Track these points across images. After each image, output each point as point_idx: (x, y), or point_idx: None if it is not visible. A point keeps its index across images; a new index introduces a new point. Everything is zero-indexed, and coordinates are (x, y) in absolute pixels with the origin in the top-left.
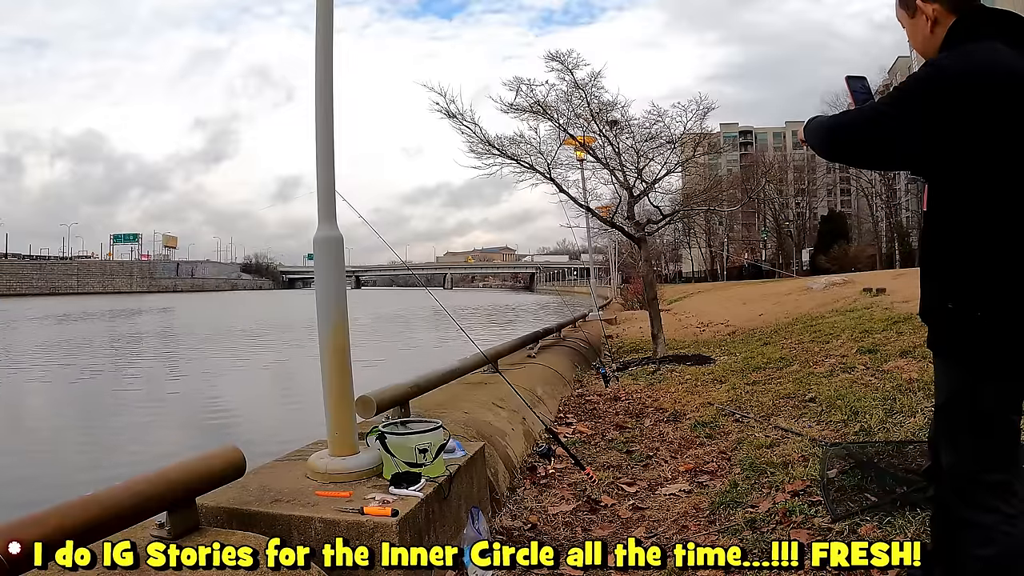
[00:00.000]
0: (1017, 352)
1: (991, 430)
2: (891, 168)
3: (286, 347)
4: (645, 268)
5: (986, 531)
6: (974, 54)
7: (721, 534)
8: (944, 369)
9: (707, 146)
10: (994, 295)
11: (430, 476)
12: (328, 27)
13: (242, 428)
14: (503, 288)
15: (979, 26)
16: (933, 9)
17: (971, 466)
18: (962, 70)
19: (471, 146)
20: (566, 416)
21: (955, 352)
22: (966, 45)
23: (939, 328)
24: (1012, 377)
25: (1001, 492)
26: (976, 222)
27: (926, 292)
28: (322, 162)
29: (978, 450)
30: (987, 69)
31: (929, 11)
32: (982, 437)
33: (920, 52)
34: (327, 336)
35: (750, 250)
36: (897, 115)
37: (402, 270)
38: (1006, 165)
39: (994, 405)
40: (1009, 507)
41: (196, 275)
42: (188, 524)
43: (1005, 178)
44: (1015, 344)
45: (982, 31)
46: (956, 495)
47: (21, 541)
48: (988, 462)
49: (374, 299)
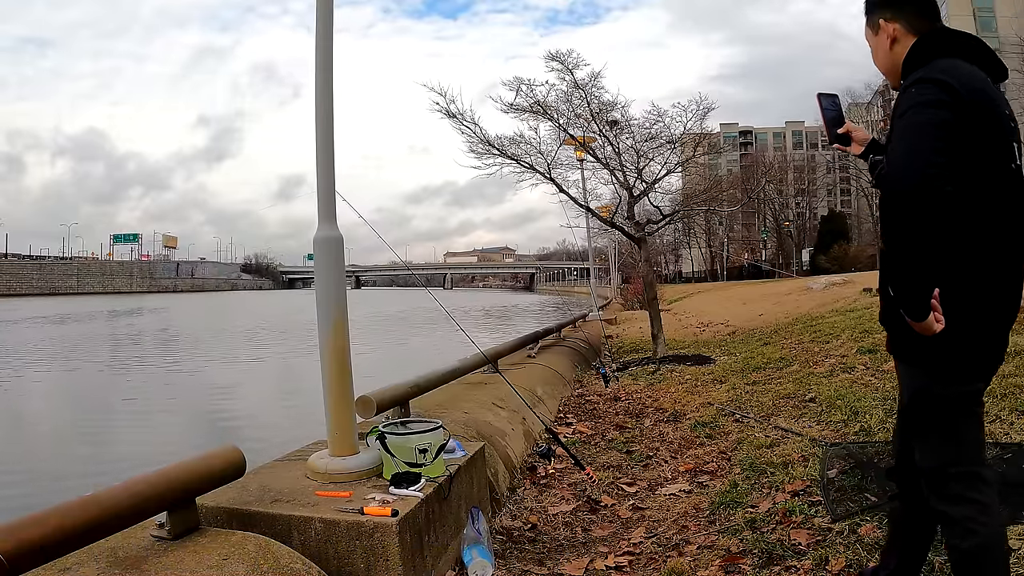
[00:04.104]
0: (972, 356)
1: (955, 427)
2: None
3: (286, 347)
4: (645, 268)
5: (963, 523)
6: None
7: (721, 534)
8: (905, 371)
9: (707, 146)
10: (954, 299)
11: (430, 476)
12: (328, 27)
13: (242, 428)
14: (503, 288)
15: (943, 45)
16: (894, 28)
17: (940, 461)
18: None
19: (471, 146)
20: (566, 416)
21: (913, 356)
22: (936, 62)
23: (897, 333)
24: (968, 380)
25: (972, 483)
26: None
27: (885, 298)
28: (322, 162)
29: (945, 446)
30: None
31: (890, 30)
32: (947, 434)
33: (880, 66)
34: (327, 336)
35: (750, 250)
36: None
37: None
38: (967, 176)
39: (954, 404)
40: (982, 495)
41: (196, 275)
42: (188, 524)
43: (965, 188)
44: (970, 348)
45: (945, 49)
46: (931, 491)
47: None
48: (955, 456)
49: (374, 299)
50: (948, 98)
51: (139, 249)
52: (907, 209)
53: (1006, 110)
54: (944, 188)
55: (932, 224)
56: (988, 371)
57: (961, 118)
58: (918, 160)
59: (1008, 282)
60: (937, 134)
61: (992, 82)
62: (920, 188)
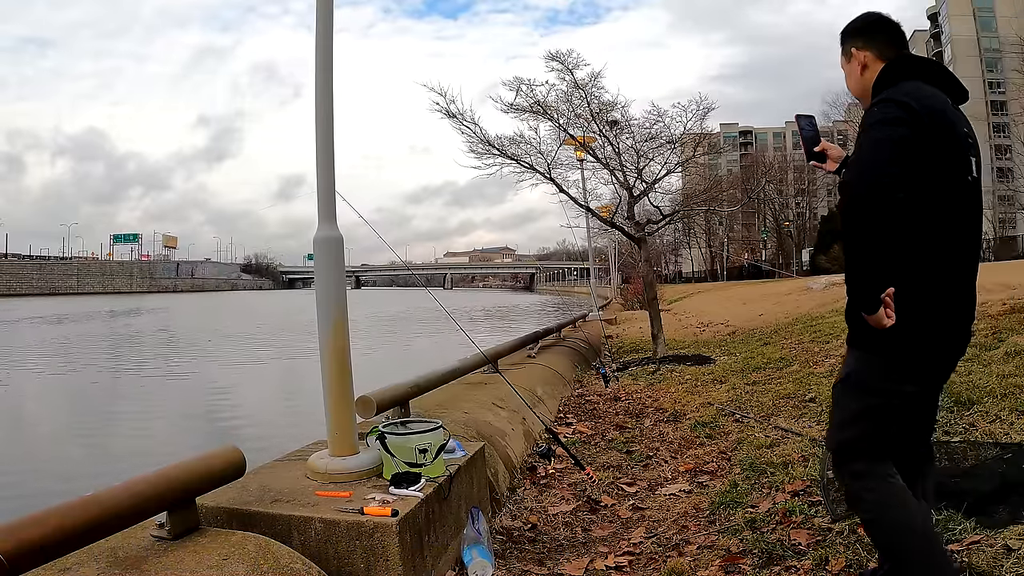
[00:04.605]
0: (911, 357)
1: (873, 415)
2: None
3: (286, 347)
4: (645, 268)
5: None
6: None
7: (721, 534)
8: (849, 354)
9: (707, 146)
10: (903, 299)
11: (430, 476)
12: (328, 27)
13: (242, 428)
14: (503, 288)
15: (908, 69)
16: (865, 56)
17: (850, 439)
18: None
19: (471, 146)
20: (566, 416)
21: (860, 344)
22: (901, 84)
23: (854, 326)
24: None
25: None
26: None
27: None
28: (322, 162)
29: (857, 428)
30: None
31: (861, 57)
32: (864, 419)
33: (852, 90)
34: (327, 336)
35: (750, 250)
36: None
37: (402, 270)
38: (925, 187)
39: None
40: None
41: (196, 275)
42: (188, 524)
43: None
44: (911, 350)
45: (910, 73)
46: (836, 464)
47: (20, 542)
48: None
49: (374, 300)
50: (907, 116)
51: (139, 249)
52: (862, 212)
53: (964, 128)
54: (896, 196)
55: (883, 226)
56: (925, 375)
57: (919, 135)
58: (875, 171)
59: (958, 291)
60: (894, 149)
61: (953, 103)
62: (874, 195)
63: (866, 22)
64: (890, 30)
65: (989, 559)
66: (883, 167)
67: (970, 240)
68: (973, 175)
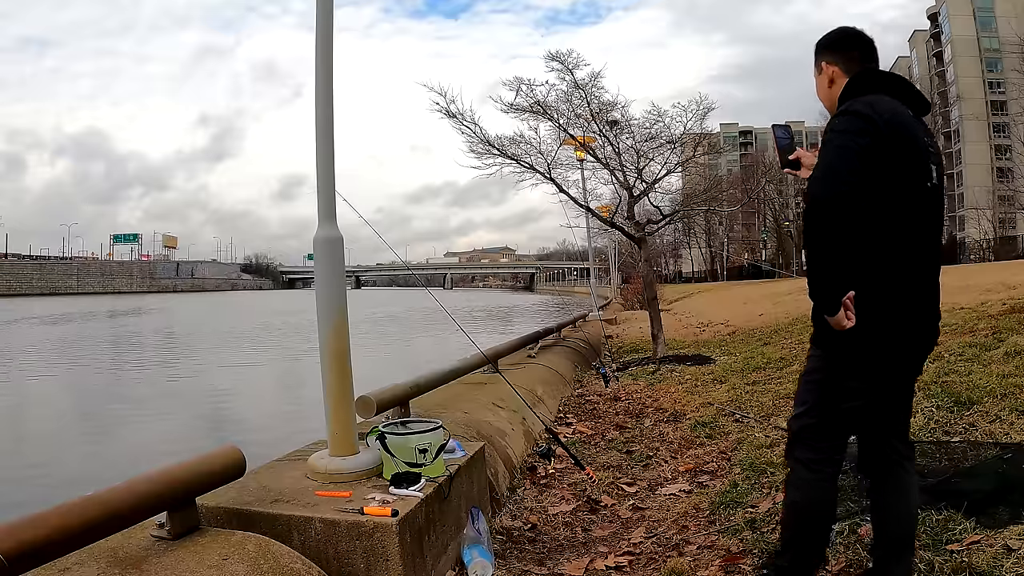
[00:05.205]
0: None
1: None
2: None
3: (286, 347)
4: (645, 268)
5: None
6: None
7: (721, 534)
8: (815, 353)
9: (707, 146)
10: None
11: (430, 476)
12: (328, 27)
13: (242, 428)
14: (503, 288)
15: (872, 83)
16: (833, 71)
17: (800, 427)
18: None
19: (471, 146)
20: (566, 416)
21: (821, 342)
22: (864, 97)
23: (818, 327)
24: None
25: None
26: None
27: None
28: (322, 162)
29: (809, 417)
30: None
31: (830, 72)
32: (815, 409)
33: (822, 100)
34: (327, 337)
35: (750, 250)
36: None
37: (402, 270)
38: (882, 195)
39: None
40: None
41: (196, 275)
42: (188, 524)
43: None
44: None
45: (873, 87)
46: (789, 444)
47: (20, 542)
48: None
49: (374, 300)
50: (868, 127)
51: (139, 249)
52: (821, 218)
53: (925, 138)
54: (853, 202)
55: (842, 231)
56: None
57: (879, 144)
58: (835, 178)
59: (916, 294)
60: (854, 157)
61: (916, 114)
62: (833, 201)
63: (837, 38)
64: (860, 46)
65: (989, 559)
66: (843, 175)
67: (929, 245)
68: (933, 182)
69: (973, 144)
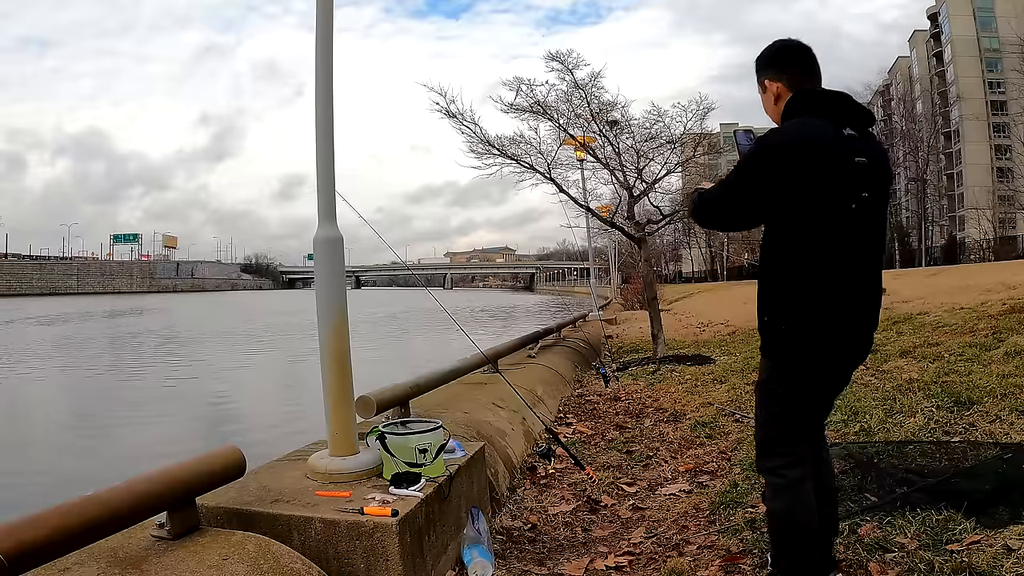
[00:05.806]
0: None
1: (781, 415)
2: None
3: (286, 347)
4: (645, 268)
5: (773, 489)
6: (790, 128)
7: (721, 534)
8: (765, 363)
9: (707, 146)
10: (794, 313)
11: (430, 476)
12: (328, 26)
13: (242, 428)
14: (503, 288)
15: (804, 104)
16: (777, 88)
17: (769, 438)
18: (780, 142)
19: (471, 146)
20: (566, 416)
21: (768, 353)
22: (796, 117)
23: (764, 338)
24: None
25: (788, 462)
26: (784, 258)
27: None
28: (322, 162)
29: (773, 427)
30: (798, 139)
31: (774, 89)
32: (775, 418)
33: (770, 116)
34: (327, 337)
35: (750, 250)
36: (740, 184)
37: (402, 270)
38: (807, 213)
39: (783, 398)
40: (791, 472)
41: (196, 275)
42: (188, 524)
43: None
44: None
45: (806, 107)
46: (758, 457)
47: (20, 542)
48: (779, 437)
49: (374, 300)
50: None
51: (139, 249)
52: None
53: (856, 157)
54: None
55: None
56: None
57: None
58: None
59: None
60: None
61: (862, 127)
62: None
63: (774, 52)
64: (799, 59)
65: (989, 559)
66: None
67: (861, 260)
68: (861, 199)
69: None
